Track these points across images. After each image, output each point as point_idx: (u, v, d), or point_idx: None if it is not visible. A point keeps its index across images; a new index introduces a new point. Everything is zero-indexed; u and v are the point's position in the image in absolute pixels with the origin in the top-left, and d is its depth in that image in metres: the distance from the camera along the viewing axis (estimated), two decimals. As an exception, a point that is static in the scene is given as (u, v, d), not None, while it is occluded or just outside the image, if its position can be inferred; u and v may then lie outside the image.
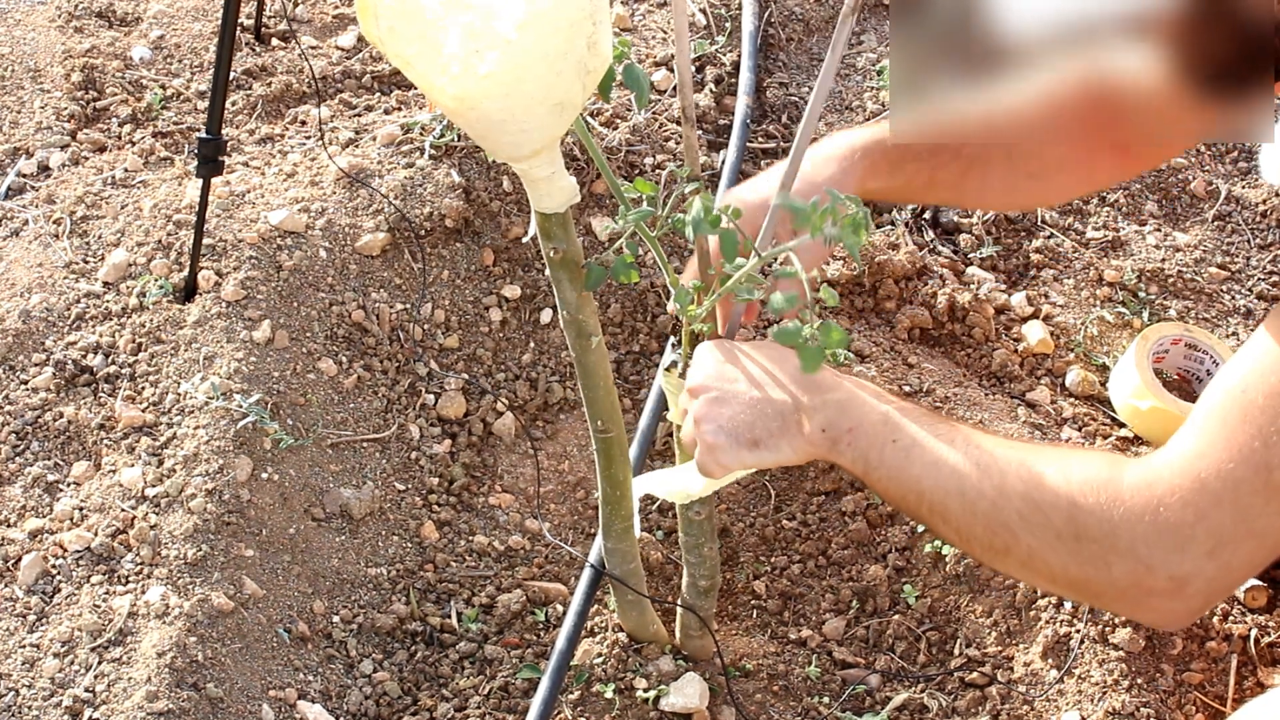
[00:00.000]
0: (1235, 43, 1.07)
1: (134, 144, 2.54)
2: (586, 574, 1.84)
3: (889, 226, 2.42)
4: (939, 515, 1.27)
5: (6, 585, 1.88)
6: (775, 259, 1.26)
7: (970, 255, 2.41)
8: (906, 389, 2.13)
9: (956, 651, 1.91)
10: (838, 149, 1.50)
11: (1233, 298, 2.40)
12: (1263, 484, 1.11)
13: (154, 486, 1.94)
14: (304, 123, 2.57)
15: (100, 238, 2.30)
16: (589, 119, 2.47)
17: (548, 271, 1.40)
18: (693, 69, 2.66)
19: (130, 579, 1.86)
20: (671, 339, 1.50)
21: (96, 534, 1.91)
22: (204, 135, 2.07)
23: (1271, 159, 2.56)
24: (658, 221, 1.33)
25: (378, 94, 2.63)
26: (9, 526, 1.96)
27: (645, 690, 1.80)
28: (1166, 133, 1.42)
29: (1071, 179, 1.57)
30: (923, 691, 1.86)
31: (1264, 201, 2.53)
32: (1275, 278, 2.43)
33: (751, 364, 1.32)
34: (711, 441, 1.29)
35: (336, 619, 1.93)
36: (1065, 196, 2.19)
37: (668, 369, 1.48)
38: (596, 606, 1.90)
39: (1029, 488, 1.20)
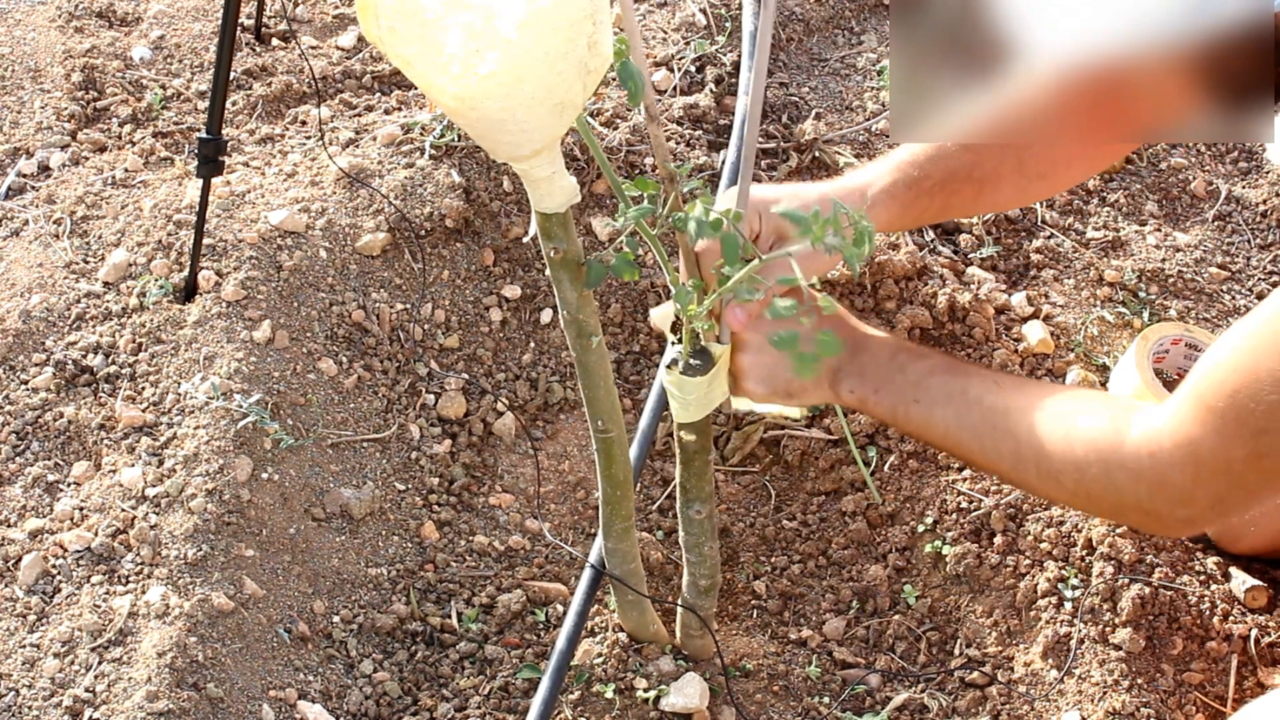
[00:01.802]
0: (1240, 60, 1.08)
1: (134, 144, 2.54)
2: (586, 574, 1.84)
3: (889, 226, 2.42)
4: (966, 462, 1.50)
5: (6, 585, 1.88)
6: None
7: (970, 255, 2.41)
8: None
9: (956, 651, 1.91)
10: (846, 190, 1.53)
11: (1233, 298, 2.40)
12: (1255, 466, 1.21)
13: (154, 486, 1.94)
14: (304, 123, 2.57)
15: (100, 238, 2.30)
16: (589, 119, 2.47)
17: (548, 271, 1.40)
18: (694, 69, 2.66)
19: (130, 579, 1.86)
20: (671, 336, 1.50)
21: (96, 534, 1.91)
22: (204, 135, 2.07)
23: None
24: (657, 220, 1.34)
25: (378, 94, 2.63)
26: (9, 526, 1.96)
27: (645, 690, 1.80)
28: (1172, 128, 1.46)
29: (1079, 170, 1.66)
30: (923, 691, 1.86)
31: (1264, 201, 2.53)
32: (1276, 278, 2.43)
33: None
34: (751, 389, 1.48)
35: (336, 619, 1.93)
36: (1073, 184, 2.30)
37: (669, 366, 1.48)
38: (596, 606, 1.89)
39: (1039, 455, 1.33)
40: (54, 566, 1.89)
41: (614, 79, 2.43)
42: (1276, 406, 1.16)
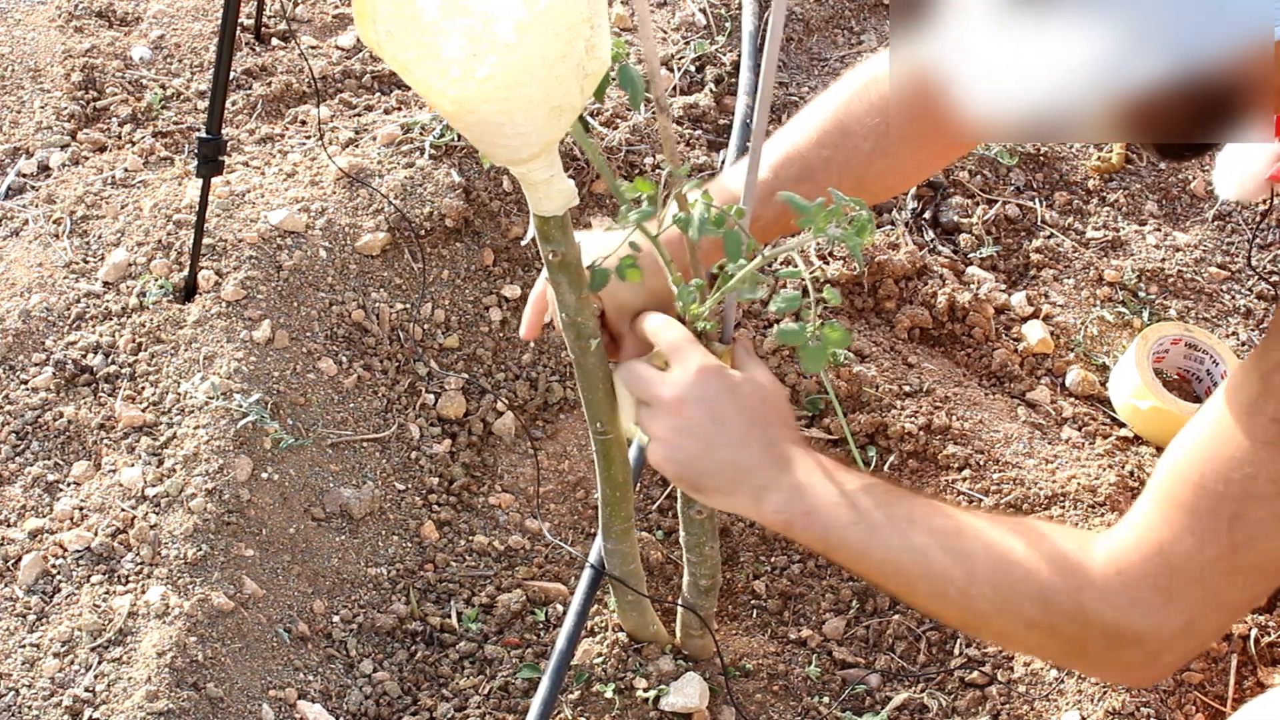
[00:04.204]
0: (1226, 104, 1.03)
1: (134, 144, 2.54)
2: (586, 574, 1.84)
3: (889, 226, 2.42)
4: (905, 595, 1.30)
5: (6, 585, 1.88)
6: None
7: (970, 255, 2.41)
8: (906, 389, 2.13)
9: (956, 651, 1.91)
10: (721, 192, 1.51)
11: (1233, 298, 2.40)
12: (1229, 566, 1.14)
13: (154, 486, 1.94)
14: (304, 123, 2.57)
15: (100, 238, 2.30)
16: (589, 119, 2.47)
17: (546, 274, 1.39)
18: (694, 69, 2.66)
19: (130, 579, 1.86)
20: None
21: (96, 534, 1.91)
22: (204, 135, 2.07)
23: (1224, 174, 2.52)
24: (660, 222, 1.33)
25: (378, 94, 2.63)
26: (9, 526, 1.96)
27: (645, 690, 1.80)
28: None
29: (915, 181, 1.62)
30: (923, 691, 1.86)
31: (1264, 201, 2.53)
32: (1276, 278, 2.43)
33: (736, 410, 1.32)
34: (669, 470, 1.34)
35: (336, 619, 1.93)
36: (906, 189, 2.35)
37: None
38: (596, 606, 1.90)
39: (998, 577, 1.21)
40: (54, 566, 1.89)
41: (614, 78, 2.43)
42: (1248, 483, 1.10)
